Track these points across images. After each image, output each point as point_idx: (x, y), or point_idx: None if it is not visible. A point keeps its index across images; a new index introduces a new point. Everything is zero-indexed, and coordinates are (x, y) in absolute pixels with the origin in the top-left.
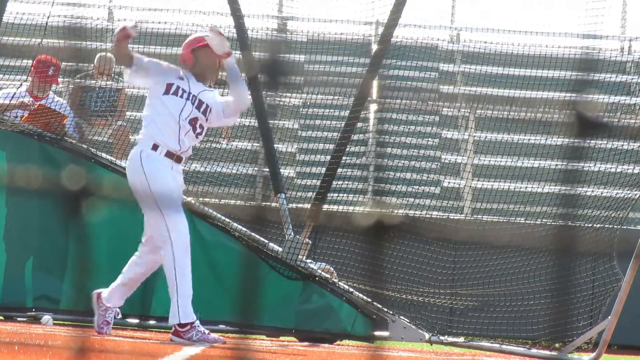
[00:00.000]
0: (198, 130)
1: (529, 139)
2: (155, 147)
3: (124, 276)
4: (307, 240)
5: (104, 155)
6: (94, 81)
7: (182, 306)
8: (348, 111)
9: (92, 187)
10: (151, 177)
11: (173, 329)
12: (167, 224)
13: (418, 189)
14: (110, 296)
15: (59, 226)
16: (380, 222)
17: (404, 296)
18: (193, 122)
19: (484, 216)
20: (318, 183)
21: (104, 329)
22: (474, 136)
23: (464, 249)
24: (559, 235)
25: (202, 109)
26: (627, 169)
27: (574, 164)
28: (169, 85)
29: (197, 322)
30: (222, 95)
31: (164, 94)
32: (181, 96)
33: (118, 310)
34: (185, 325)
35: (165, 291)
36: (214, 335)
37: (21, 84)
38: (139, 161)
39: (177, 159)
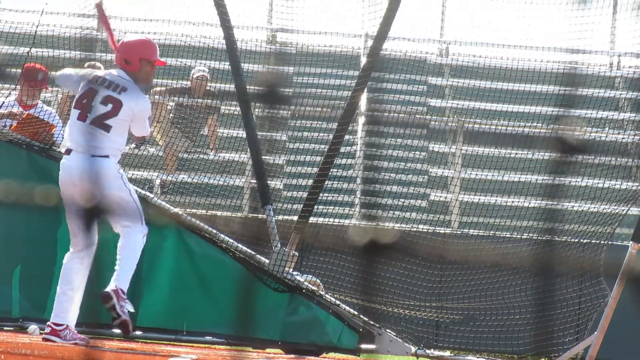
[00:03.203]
0: None
1: (517, 153)
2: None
3: (71, 287)
4: (294, 252)
5: None
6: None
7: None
8: (336, 123)
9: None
10: (132, 191)
11: (110, 292)
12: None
13: (405, 202)
14: (67, 313)
15: (47, 236)
16: (371, 239)
17: (390, 309)
18: None
19: (471, 230)
20: (306, 195)
21: (84, 341)
22: (462, 150)
23: (451, 262)
24: (546, 250)
25: None
26: (615, 185)
27: (562, 178)
28: None
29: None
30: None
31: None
32: None
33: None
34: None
35: (151, 301)
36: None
37: (9, 93)
38: (117, 174)
39: None
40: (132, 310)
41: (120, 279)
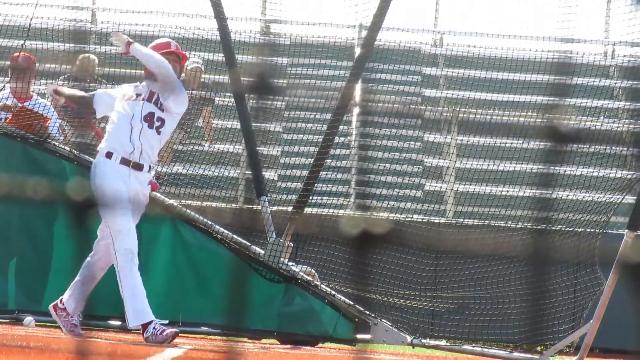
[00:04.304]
0: (157, 124)
1: (511, 143)
2: (109, 155)
3: (80, 276)
4: (289, 243)
5: (86, 157)
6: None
7: (134, 309)
8: (331, 114)
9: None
10: (97, 186)
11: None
12: (111, 232)
13: (400, 192)
14: (70, 299)
15: (42, 229)
16: (364, 229)
17: (386, 299)
18: (149, 117)
19: (465, 219)
20: (301, 186)
21: (75, 330)
22: (457, 139)
23: (446, 252)
24: (541, 239)
25: (154, 99)
26: (610, 173)
27: (556, 167)
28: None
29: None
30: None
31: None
32: (136, 99)
33: (79, 312)
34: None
35: (147, 292)
36: (169, 331)
37: (4, 86)
38: (93, 170)
39: (135, 165)
40: (166, 328)
41: (130, 316)
